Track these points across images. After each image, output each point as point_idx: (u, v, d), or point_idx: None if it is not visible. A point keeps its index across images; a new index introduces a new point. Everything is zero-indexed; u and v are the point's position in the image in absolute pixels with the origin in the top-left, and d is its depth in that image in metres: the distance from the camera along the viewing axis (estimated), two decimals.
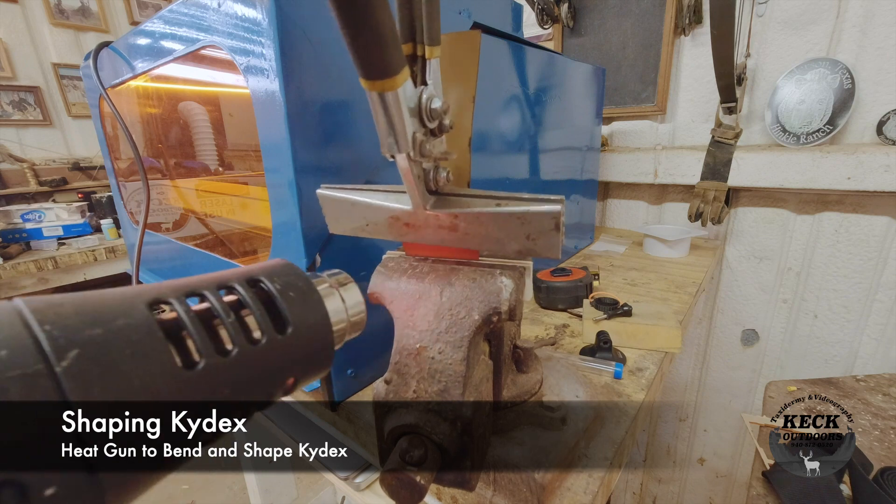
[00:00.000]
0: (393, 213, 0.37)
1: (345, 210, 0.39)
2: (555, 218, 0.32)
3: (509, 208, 0.33)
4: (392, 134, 0.30)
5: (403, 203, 0.36)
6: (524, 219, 0.33)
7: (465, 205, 0.34)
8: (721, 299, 1.44)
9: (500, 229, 0.34)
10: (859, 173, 1.05)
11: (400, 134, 0.30)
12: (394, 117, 0.29)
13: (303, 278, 0.27)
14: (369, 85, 0.28)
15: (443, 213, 0.35)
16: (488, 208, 0.33)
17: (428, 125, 0.31)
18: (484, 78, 0.75)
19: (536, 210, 0.32)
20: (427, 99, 0.30)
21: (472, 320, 0.34)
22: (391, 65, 0.27)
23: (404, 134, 0.30)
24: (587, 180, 1.30)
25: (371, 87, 0.28)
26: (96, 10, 2.41)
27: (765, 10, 1.20)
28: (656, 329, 0.74)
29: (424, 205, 0.35)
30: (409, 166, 0.32)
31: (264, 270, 0.26)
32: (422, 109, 0.30)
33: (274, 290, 0.25)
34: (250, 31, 0.49)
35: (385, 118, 0.29)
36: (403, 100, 0.29)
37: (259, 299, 0.24)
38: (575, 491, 0.46)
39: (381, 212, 0.37)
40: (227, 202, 1.06)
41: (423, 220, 0.36)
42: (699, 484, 1.66)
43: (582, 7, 1.49)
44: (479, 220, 0.34)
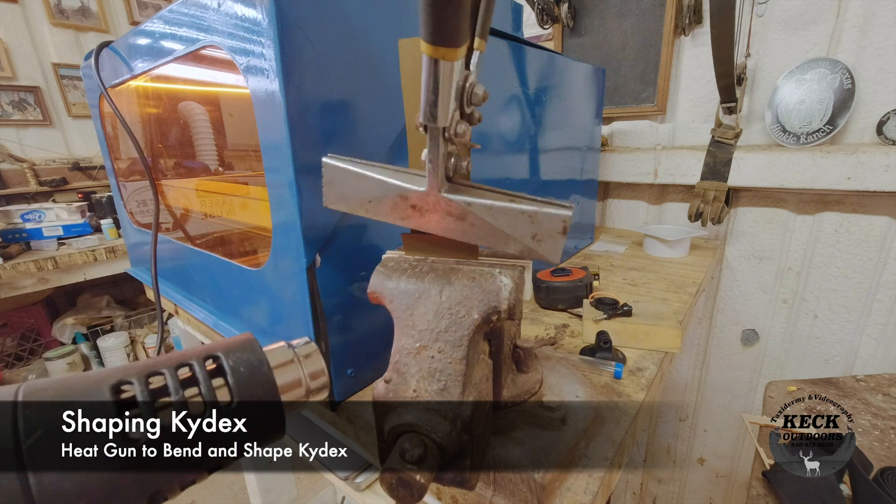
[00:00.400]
0: (402, 192, 0.37)
1: (348, 182, 0.38)
2: (564, 221, 0.32)
3: (522, 206, 0.33)
4: (436, 103, 0.30)
5: (414, 184, 0.36)
6: (534, 218, 0.33)
7: (478, 195, 0.34)
8: (721, 299, 1.44)
9: (509, 225, 0.34)
10: (859, 173, 1.05)
11: (443, 104, 0.30)
12: (443, 87, 0.29)
13: (256, 353, 0.29)
14: (433, 50, 0.28)
15: (456, 198, 0.35)
16: (502, 202, 0.33)
17: (466, 109, 0.31)
18: (484, 78, 0.74)
19: (547, 212, 0.32)
20: (470, 84, 0.31)
21: (472, 319, 0.34)
22: (460, 35, 0.27)
23: (447, 105, 0.30)
24: (587, 180, 1.30)
25: (434, 52, 0.28)
26: (96, 10, 2.41)
27: (765, 10, 1.20)
28: (656, 329, 0.74)
29: (440, 187, 0.35)
30: (439, 143, 0.32)
31: (225, 346, 0.28)
32: (464, 92, 0.31)
33: (227, 366, 0.27)
34: (250, 31, 0.49)
35: (434, 85, 0.29)
36: (456, 73, 0.29)
37: (210, 375, 0.27)
38: (575, 491, 0.46)
39: (389, 189, 0.37)
40: (227, 202, 1.06)
41: (433, 203, 0.36)
42: (699, 484, 1.66)
43: (582, 7, 1.49)
44: (490, 213, 0.34)
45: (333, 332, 0.57)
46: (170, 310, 1.09)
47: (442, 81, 0.29)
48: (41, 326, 2.21)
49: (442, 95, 0.30)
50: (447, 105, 0.30)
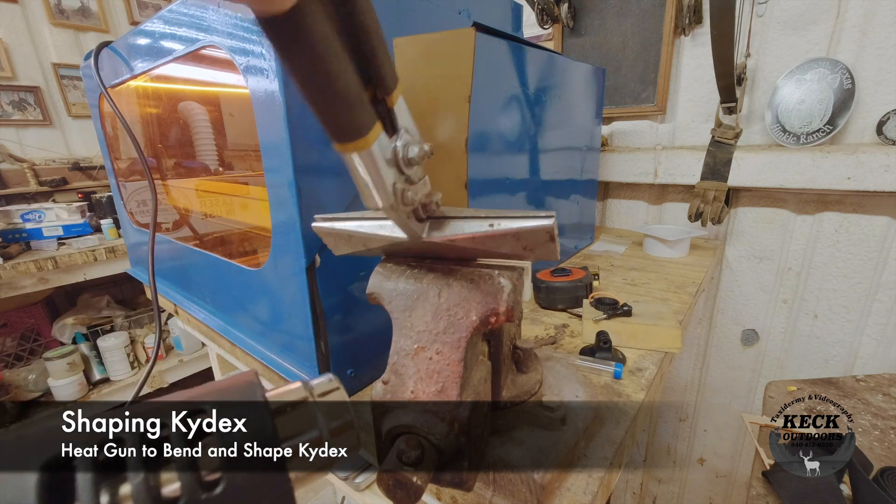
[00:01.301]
0: (391, 242, 0.37)
1: (342, 240, 0.39)
2: (548, 232, 0.32)
3: (502, 226, 0.32)
4: (372, 190, 0.29)
5: (399, 232, 0.36)
6: (518, 235, 0.33)
7: (459, 228, 0.34)
8: (721, 299, 1.44)
9: (497, 246, 0.34)
10: (859, 173, 1.05)
11: (380, 189, 0.29)
12: (371, 175, 0.28)
13: (257, 410, 0.21)
14: (342, 148, 0.27)
15: (439, 238, 0.35)
16: (482, 229, 0.33)
17: (406, 172, 0.30)
18: (483, 78, 0.75)
19: (530, 226, 0.32)
20: (403, 147, 0.29)
21: (470, 321, 0.34)
22: (363, 124, 0.26)
23: (384, 188, 0.29)
24: (587, 180, 1.30)
25: (344, 149, 0.27)
26: (96, 10, 2.41)
27: (765, 10, 1.20)
28: (656, 329, 0.74)
29: (420, 235, 0.35)
30: (395, 215, 0.31)
31: (220, 392, 0.21)
32: (399, 160, 0.29)
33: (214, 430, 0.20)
34: (250, 31, 0.49)
35: (363, 177, 0.28)
36: (379, 155, 0.28)
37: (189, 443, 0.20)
38: (575, 491, 0.46)
39: (378, 241, 0.37)
40: (228, 202, 1.06)
41: (421, 245, 0.36)
42: (699, 484, 1.66)
43: (582, 7, 1.49)
44: (474, 242, 0.34)
45: (333, 332, 0.57)
46: (170, 310, 1.09)
47: (369, 169, 0.28)
48: (41, 326, 2.21)
49: (374, 181, 0.29)
50: (384, 186, 0.29)
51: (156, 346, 0.87)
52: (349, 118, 0.25)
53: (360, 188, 0.29)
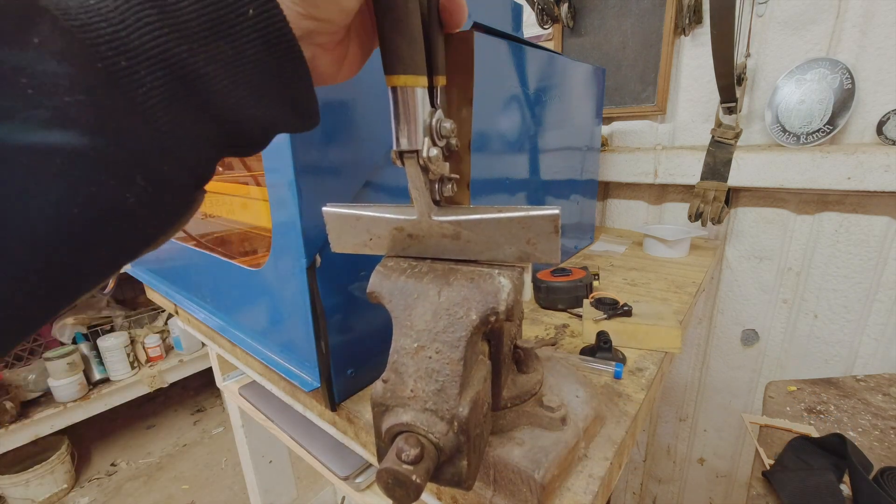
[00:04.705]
0: (397, 224, 0.38)
1: (349, 225, 0.40)
2: (553, 221, 0.33)
3: (510, 214, 0.34)
4: (407, 131, 0.32)
5: (407, 215, 0.38)
6: (524, 223, 0.34)
7: (468, 213, 0.36)
8: (721, 299, 1.44)
9: (502, 234, 0.35)
10: (859, 173, 1.05)
11: (415, 132, 0.32)
12: (412, 114, 0.31)
13: None
14: (395, 79, 0.30)
15: (447, 220, 0.36)
16: (490, 215, 0.35)
17: (438, 143, 0.33)
18: (484, 78, 0.75)
19: (536, 214, 0.33)
20: (438, 120, 0.33)
21: (470, 320, 0.34)
22: (419, 64, 0.30)
23: (418, 133, 0.32)
24: (587, 180, 1.30)
25: (396, 80, 0.30)
26: None
27: (765, 10, 1.20)
28: (656, 329, 0.74)
29: (429, 213, 0.36)
30: (418, 171, 0.34)
31: None
32: (433, 127, 0.33)
33: None
34: None
35: (404, 115, 0.31)
36: (421, 103, 0.31)
37: None
38: (575, 491, 0.46)
39: (385, 223, 0.38)
40: (227, 202, 1.07)
41: (426, 229, 0.37)
42: (699, 484, 1.66)
43: (582, 7, 1.49)
44: (481, 227, 0.35)
45: (333, 332, 0.57)
46: (170, 310, 1.09)
47: (412, 108, 0.31)
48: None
49: (412, 122, 0.32)
50: (418, 131, 0.32)
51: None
52: (412, 52, 0.29)
53: (396, 128, 0.32)
